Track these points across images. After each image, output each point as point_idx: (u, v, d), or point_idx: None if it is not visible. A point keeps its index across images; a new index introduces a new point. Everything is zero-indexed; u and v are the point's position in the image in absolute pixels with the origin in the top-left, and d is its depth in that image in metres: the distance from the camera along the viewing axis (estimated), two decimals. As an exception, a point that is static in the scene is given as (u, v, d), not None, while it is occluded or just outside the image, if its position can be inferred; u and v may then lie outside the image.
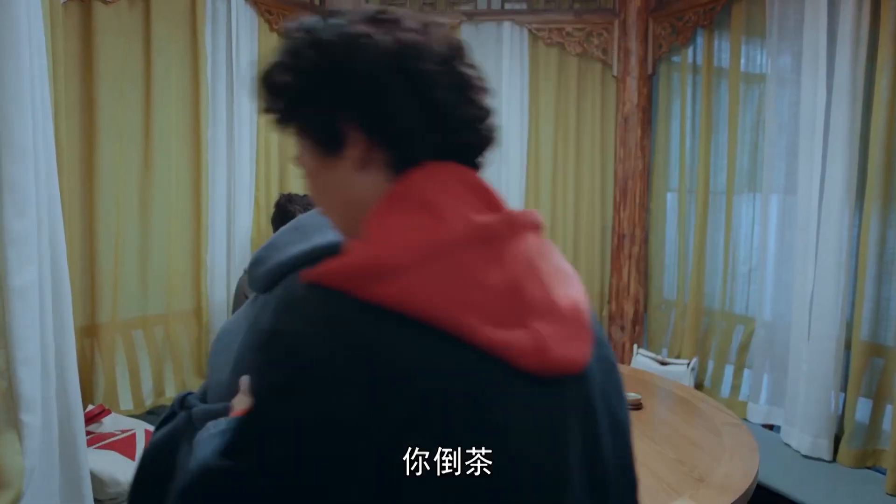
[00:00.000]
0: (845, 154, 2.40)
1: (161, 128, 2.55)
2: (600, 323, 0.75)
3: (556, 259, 0.71)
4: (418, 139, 0.68)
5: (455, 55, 0.70)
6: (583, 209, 3.48)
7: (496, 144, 0.75)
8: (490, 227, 0.65)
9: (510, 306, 0.63)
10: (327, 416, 0.58)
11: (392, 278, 0.60)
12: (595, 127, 3.45)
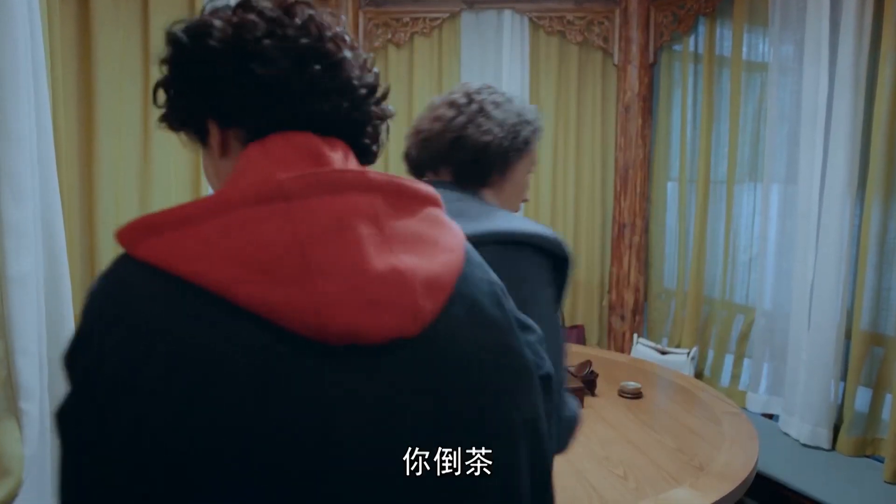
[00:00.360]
0: (847, 143, 2.39)
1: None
2: (500, 301, 0.72)
3: (405, 225, 0.66)
4: (261, 115, 0.68)
5: (298, 29, 0.69)
6: (583, 198, 3.48)
7: (363, 107, 0.76)
8: (283, 185, 0.61)
9: (288, 264, 0.58)
10: (88, 379, 0.57)
11: (158, 235, 0.58)
12: (596, 116, 3.43)
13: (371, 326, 0.60)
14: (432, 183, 1.01)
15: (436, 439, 0.63)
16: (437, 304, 0.65)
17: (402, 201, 0.68)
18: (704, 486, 1.56)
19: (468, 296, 0.69)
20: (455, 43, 3.36)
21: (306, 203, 0.61)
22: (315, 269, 0.59)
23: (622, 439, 1.85)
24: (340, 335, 0.59)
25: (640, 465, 1.69)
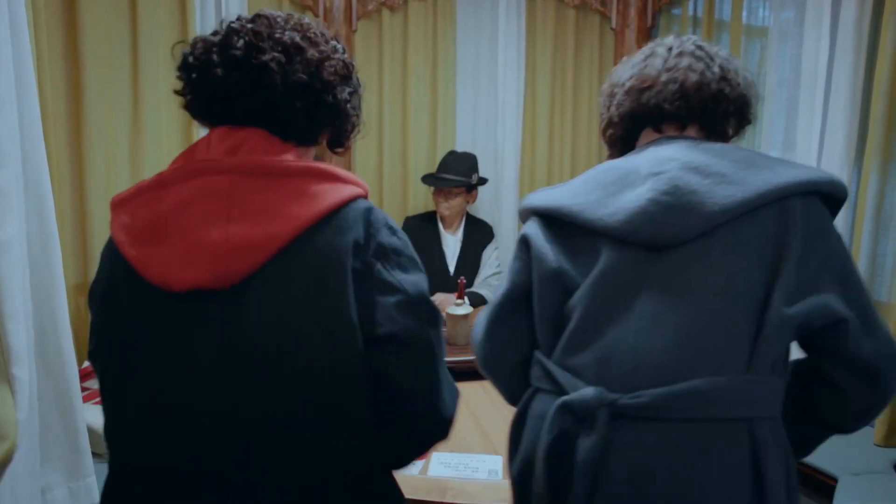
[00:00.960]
0: (846, 109, 2.36)
1: (150, 84, 2.49)
2: (342, 264, 0.88)
3: (254, 198, 0.86)
4: (207, 111, 0.97)
5: (240, 42, 0.92)
6: (579, 165, 3.45)
7: (282, 103, 0.94)
8: (163, 175, 0.90)
9: (149, 234, 0.86)
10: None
11: (113, 211, 0.93)
12: (593, 81, 3.39)
13: (178, 279, 0.85)
14: (681, 138, 1.10)
15: (225, 371, 0.85)
16: (249, 265, 0.84)
17: (260, 178, 0.87)
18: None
19: (288, 259, 0.85)
20: (450, 6, 3.29)
21: (173, 188, 0.88)
22: (163, 236, 0.86)
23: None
24: (166, 284, 0.86)
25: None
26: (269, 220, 0.85)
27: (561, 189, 1.14)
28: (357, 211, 0.91)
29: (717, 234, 0.97)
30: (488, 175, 3.27)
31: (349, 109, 1.02)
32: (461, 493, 1.36)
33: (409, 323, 0.91)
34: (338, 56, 0.99)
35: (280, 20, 0.97)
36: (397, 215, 3.35)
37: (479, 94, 3.40)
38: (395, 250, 0.95)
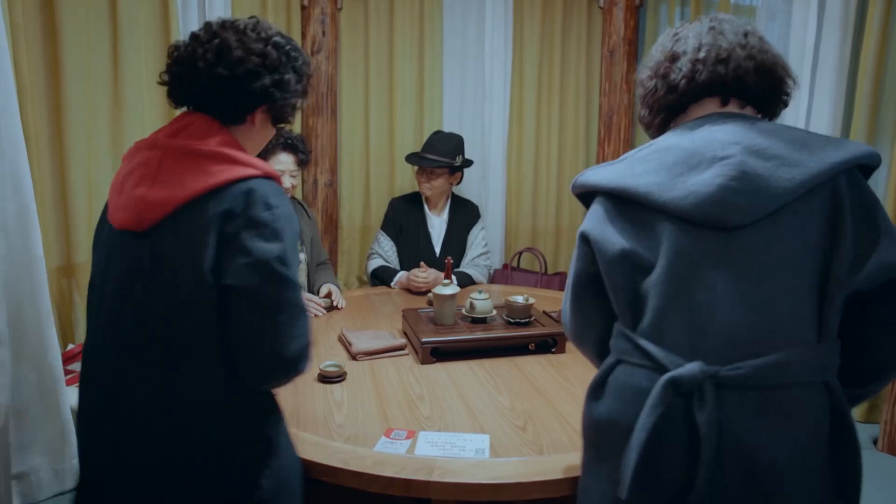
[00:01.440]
0: (833, 88, 2.37)
1: (130, 63, 2.45)
2: (215, 226, 1.15)
3: (171, 170, 1.18)
4: (182, 95, 1.28)
5: (188, 47, 1.26)
6: (567, 144, 3.44)
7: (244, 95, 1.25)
8: (130, 149, 1.26)
9: (114, 192, 1.23)
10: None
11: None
12: (580, 60, 3.38)
13: (118, 221, 1.20)
14: (738, 116, 1.17)
15: (126, 288, 1.19)
16: (156, 217, 1.16)
17: (181, 156, 1.19)
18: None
19: (182, 216, 1.16)
20: (437, -16, 3.26)
21: (127, 161, 1.24)
22: (118, 191, 1.21)
23: (603, 383, 1.87)
24: (113, 223, 1.22)
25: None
26: (173, 188, 1.17)
27: (619, 167, 1.19)
28: (241, 188, 1.17)
29: (779, 214, 1.07)
30: (475, 155, 3.26)
31: (272, 94, 1.27)
32: (448, 472, 1.36)
33: (251, 280, 1.14)
34: (268, 51, 1.27)
35: (226, 26, 1.27)
36: (384, 195, 3.33)
37: (466, 73, 3.37)
38: (261, 222, 1.16)
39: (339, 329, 2.25)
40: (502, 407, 1.70)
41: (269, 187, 1.20)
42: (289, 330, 1.17)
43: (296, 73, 1.33)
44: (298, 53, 1.34)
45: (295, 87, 1.33)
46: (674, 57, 1.22)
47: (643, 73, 1.29)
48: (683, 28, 1.25)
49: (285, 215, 1.20)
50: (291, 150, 2.63)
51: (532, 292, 2.82)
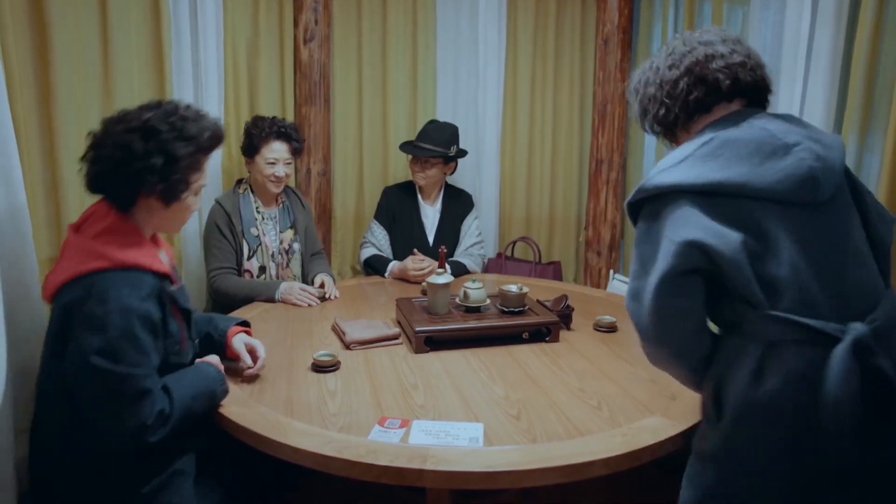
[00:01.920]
0: (826, 78, 2.37)
1: (120, 52, 2.42)
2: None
3: (61, 254, 1.47)
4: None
5: (92, 140, 1.48)
6: (561, 134, 3.44)
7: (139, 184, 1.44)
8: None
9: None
10: None
11: None
12: (574, 49, 3.36)
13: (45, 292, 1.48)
14: (762, 111, 1.35)
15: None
16: (49, 295, 1.45)
17: (71, 245, 1.45)
18: (676, 415, 1.59)
19: (56, 299, 1.44)
20: (430, -28, 3.23)
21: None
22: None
23: (597, 372, 1.88)
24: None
25: (613, 395, 1.72)
26: (55, 273, 1.42)
27: (692, 165, 1.25)
28: (83, 282, 1.37)
29: (838, 189, 1.27)
30: (469, 144, 3.25)
31: (144, 180, 1.41)
32: (442, 461, 1.36)
33: (73, 372, 1.36)
34: (130, 140, 1.39)
35: (105, 120, 1.48)
36: (377, 184, 3.32)
37: (459, 62, 3.35)
38: (91, 315, 1.34)
39: (333, 318, 2.25)
40: (496, 396, 1.71)
41: (112, 280, 1.36)
42: (115, 416, 1.35)
43: (166, 155, 1.42)
44: (174, 133, 1.43)
45: (167, 168, 1.42)
46: (709, 58, 1.33)
47: (667, 75, 1.36)
48: (684, 38, 1.40)
49: (121, 307, 1.34)
50: (285, 138, 2.61)
51: (526, 281, 2.82)
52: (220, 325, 1.83)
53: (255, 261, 2.64)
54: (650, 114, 1.41)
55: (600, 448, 1.43)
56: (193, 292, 2.85)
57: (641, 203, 1.32)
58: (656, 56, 1.43)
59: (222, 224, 2.57)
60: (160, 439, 1.41)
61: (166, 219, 1.53)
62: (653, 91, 1.39)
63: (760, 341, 1.21)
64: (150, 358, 1.40)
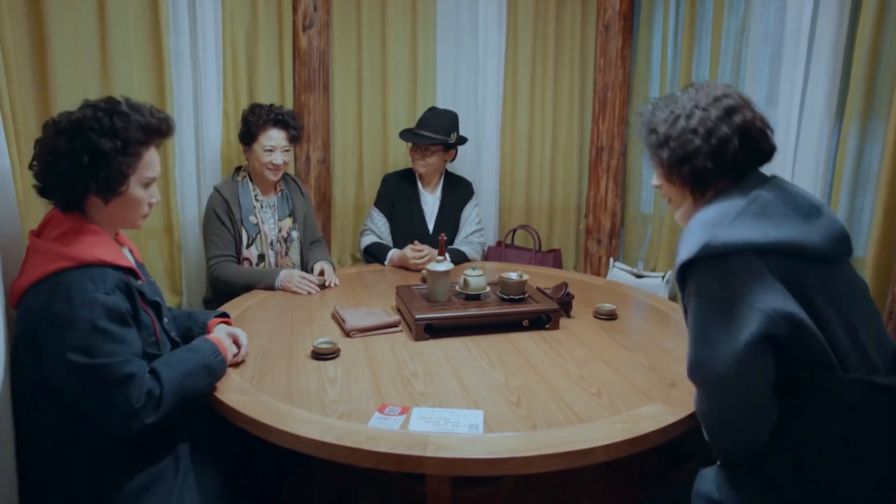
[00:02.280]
0: (829, 65, 2.35)
1: (118, 39, 2.41)
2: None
3: (25, 260, 1.48)
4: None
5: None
6: (561, 121, 3.42)
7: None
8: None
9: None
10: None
11: None
12: (575, 35, 3.34)
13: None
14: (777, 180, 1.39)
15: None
16: (14, 303, 1.46)
17: (32, 248, 1.46)
18: (676, 402, 1.59)
19: (23, 303, 1.44)
20: (430, -43, 3.21)
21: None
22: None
23: (597, 359, 1.88)
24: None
25: (613, 382, 1.72)
26: (20, 278, 1.43)
27: (751, 222, 1.26)
28: (47, 283, 1.37)
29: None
30: (469, 131, 3.24)
31: (79, 180, 1.43)
32: (441, 448, 1.37)
33: (51, 371, 1.38)
34: (57, 145, 1.41)
35: (56, 124, 1.45)
36: (377, 172, 3.31)
37: (459, 48, 3.33)
38: (59, 315, 1.34)
39: (333, 306, 2.24)
40: (496, 383, 1.71)
41: (75, 278, 1.37)
42: (103, 404, 1.37)
43: (91, 152, 1.42)
44: (98, 130, 1.42)
45: (95, 165, 1.42)
46: (759, 120, 1.37)
47: (720, 131, 1.33)
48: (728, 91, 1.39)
49: (86, 302, 1.35)
50: (282, 125, 2.60)
51: (526, 269, 2.82)
52: (199, 319, 1.85)
53: (254, 249, 2.63)
54: (689, 163, 1.36)
55: (600, 435, 1.43)
56: (194, 281, 2.86)
57: (698, 261, 1.26)
58: (688, 96, 1.39)
59: (221, 212, 2.56)
60: (156, 420, 1.42)
61: (115, 214, 1.51)
62: (698, 143, 1.34)
63: (842, 405, 1.24)
64: (126, 345, 1.40)
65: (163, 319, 1.63)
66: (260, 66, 2.98)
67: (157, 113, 1.54)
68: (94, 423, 1.40)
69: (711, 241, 1.23)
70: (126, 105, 1.49)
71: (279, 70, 3.09)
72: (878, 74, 2.24)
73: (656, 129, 1.41)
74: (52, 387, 1.39)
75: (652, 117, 1.43)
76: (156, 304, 1.60)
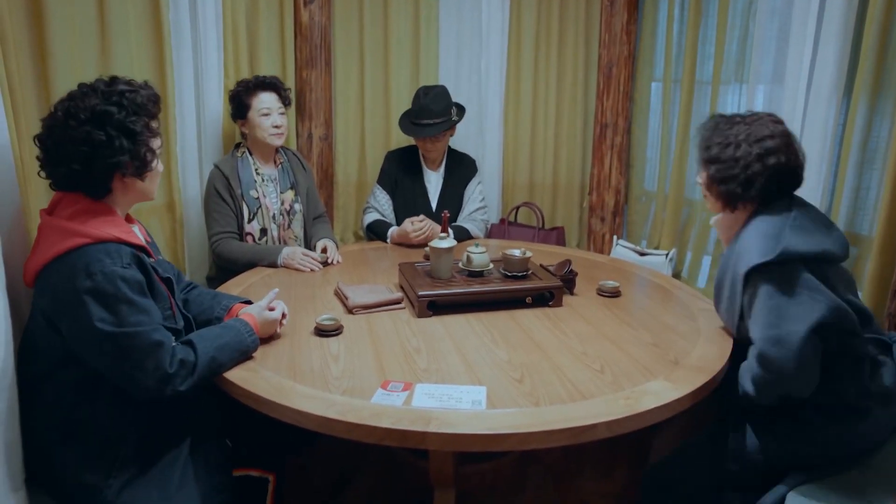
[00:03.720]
0: (838, 38, 2.32)
1: (117, 13, 2.37)
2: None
3: (39, 238, 1.50)
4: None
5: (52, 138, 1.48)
6: (564, 97, 3.38)
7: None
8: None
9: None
10: None
11: None
12: (580, 10, 3.29)
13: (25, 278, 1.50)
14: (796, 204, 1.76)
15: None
16: (30, 279, 1.48)
17: (47, 227, 1.47)
18: (679, 379, 1.59)
19: (42, 280, 1.46)
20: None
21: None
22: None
23: (600, 336, 1.88)
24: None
25: (616, 359, 1.72)
26: (34, 256, 1.46)
27: (798, 235, 1.60)
28: (64, 260, 1.40)
29: None
30: (472, 109, 3.21)
31: (116, 163, 1.46)
32: (445, 424, 1.37)
33: (79, 344, 1.42)
34: (90, 133, 1.42)
35: (57, 114, 1.47)
36: (379, 150, 3.29)
37: (462, 24, 3.29)
38: (82, 291, 1.37)
39: (336, 283, 2.24)
40: (499, 359, 1.71)
41: (93, 253, 1.40)
42: (137, 369, 1.41)
43: (126, 133, 1.46)
44: (124, 111, 1.46)
45: (132, 145, 1.48)
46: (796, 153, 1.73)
47: (754, 167, 1.67)
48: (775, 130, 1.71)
49: (107, 275, 1.38)
50: (271, 88, 2.62)
51: (529, 246, 2.81)
52: (223, 301, 1.87)
53: (256, 223, 2.62)
54: (724, 184, 1.72)
55: (603, 411, 1.43)
56: (196, 258, 2.85)
57: (771, 264, 1.58)
58: (743, 126, 1.72)
59: (221, 188, 2.56)
60: (188, 389, 1.48)
61: (144, 189, 1.58)
62: (736, 172, 1.68)
63: (867, 357, 1.64)
64: (150, 315, 1.45)
65: (176, 296, 1.67)
66: (261, 41, 2.95)
67: (145, 84, 1.59)
68: (123, 391, 1.45)
69: (786, 249, 1.57)
70: (123, 83, 1.53)
71: (280, 46, 3.06)
72: (888, 50, 2.20)
73: (710, 148, 1.75)
74: (78, 359, 1.43)
75: (712, 135, 1.76)
76: (168, 281, 1.63)
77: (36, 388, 1.47)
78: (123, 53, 2.41)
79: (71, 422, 1.46)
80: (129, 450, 1.48)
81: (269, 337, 1.80)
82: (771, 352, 1.54)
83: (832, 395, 1.61)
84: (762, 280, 1.60)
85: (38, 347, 1.46)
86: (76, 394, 1.46)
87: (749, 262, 1.61)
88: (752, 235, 1.65)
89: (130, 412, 1.49)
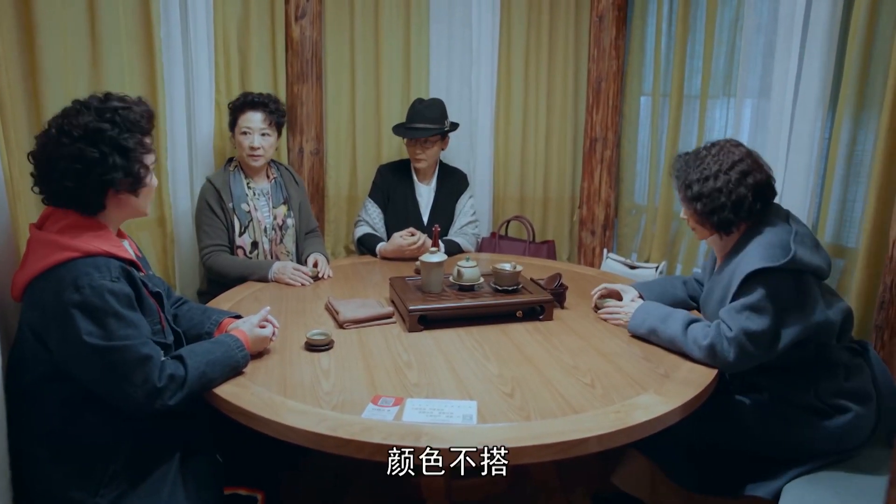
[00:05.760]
0: (823, 54, 2.35)
1: (108, 29, 2.38)
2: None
3: (27, 252, 1.48)
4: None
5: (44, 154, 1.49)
6: (555, 112, 3.41)
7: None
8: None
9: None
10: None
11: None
12: (569, 25, 3.32)
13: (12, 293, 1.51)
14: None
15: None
16: (17, 294, 1.48)
17: (35, 241, 1.47)
18: (669, 392, 1.60)
19: (29, 293, 1.46)
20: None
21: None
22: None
23: (591, 349, 1.88)
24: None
25: (607, 373, 1.72)
26: (22, 270, 1.46)
27: (801, 246, 1.71)
28: (52, 274, 1.40)
29: None
30: (463, 122, 3.23)
31: (109, 180, 1.46)
32: (435, 439, 1.37)
33: (67, 358, 1.42)
34: (83, 150, 1.42)
35: (50, 133, 1.46)
36: (371, 164, 3.30)
37: (453, 39, 3.31)
38: (70, 305, 1.37)
39: (327, 298, 2.24)
40: (490, 374, 1.71)
41: (81, 267, 1.39)
42: (125, 382, 1.40)
43: (119, 150, 1.46)
44: (117, 128, 1.46)
45: (125, 162, 1.47)
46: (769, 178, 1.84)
47: (738, 192, 1.78)
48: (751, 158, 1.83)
49: (95, 289, 1.38)
50: (260, 107, 2.62)
51: (520, 260, 2.82)
52: (212, 316, 1.87)
53: (247, 237, 2.62)
54: (716, 215, 1.81)
55: (594, 425, 1.44)
56: (188, 273, 2.85)
57: (777, 269, 1.68)
58: (713, 158, 1.83)
59: (212, 201, 2.56)
60: (177, 403, 1.47)
61: (138, 205, 1.58)
62: (723, 200, 1.78)
63: (840, 362, 1.80)
64: (139, 329, 1.45)
65: (165, 311, 1.67)
66: (252, 56, 2.96)
67: (139, 101, 1.59)
68: (112, 406, 1.44)
69: (795, 257, 1.67)
70: (117, 99, 1.53)
71: (272, 61, 3.07)
72: (871, 65, 2.24)
73: (691, 186, 1.84)
74: (66, 373, 1.42)
75: (686, 175, 1.86)
76: (158, 295, 1.63)
77: (23, 404, 1.46)
78: (115, 69, 2.41)
79: (59, 437, 1.45)
80: (117, 466, 1.47)
81: (260, 352, 1.79)
82: (749, 346, 1.70)
83: (811, 395, 1.76)
84: (764, 282, 1.69)
85: (26, 362, 1.45)
86: (64, 409, 1.45)
87: (753, 265, 1.70)
88: (758, 246, 1.75)
89: (119, 427, 1.48)
